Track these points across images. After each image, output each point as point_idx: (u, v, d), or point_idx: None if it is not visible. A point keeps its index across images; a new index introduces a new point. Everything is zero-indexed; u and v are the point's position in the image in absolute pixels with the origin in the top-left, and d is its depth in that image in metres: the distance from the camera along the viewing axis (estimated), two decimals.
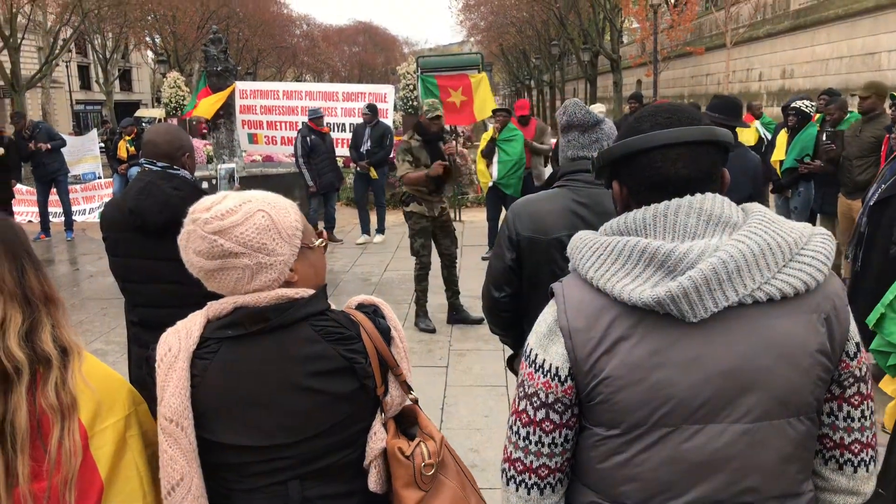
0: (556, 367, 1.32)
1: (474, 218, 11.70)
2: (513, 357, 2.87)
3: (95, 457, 1.35)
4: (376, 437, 1.52)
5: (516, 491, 1.40)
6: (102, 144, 15.74)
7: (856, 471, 1.35)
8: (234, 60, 15.44)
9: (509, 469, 1.40)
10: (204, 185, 6.47)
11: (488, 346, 5.75)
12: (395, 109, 12.95)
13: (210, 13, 34.89)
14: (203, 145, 14.59)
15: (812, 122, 7.34)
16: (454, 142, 8.28)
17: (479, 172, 8.84)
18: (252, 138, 12.16)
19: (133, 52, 48.91)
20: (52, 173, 10.92)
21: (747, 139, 8.35)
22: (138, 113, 37.31)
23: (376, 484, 1.52)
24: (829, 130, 6.88)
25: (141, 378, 1.51)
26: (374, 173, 9.98)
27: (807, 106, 7.35)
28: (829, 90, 7.83)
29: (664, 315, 1.24)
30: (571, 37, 35.56)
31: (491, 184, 8.39)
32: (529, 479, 1.38)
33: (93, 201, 13.26)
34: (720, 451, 1.25)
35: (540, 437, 1.36)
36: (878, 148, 6.03)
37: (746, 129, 8.61)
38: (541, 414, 1.35)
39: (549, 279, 1.44)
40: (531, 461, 1.37)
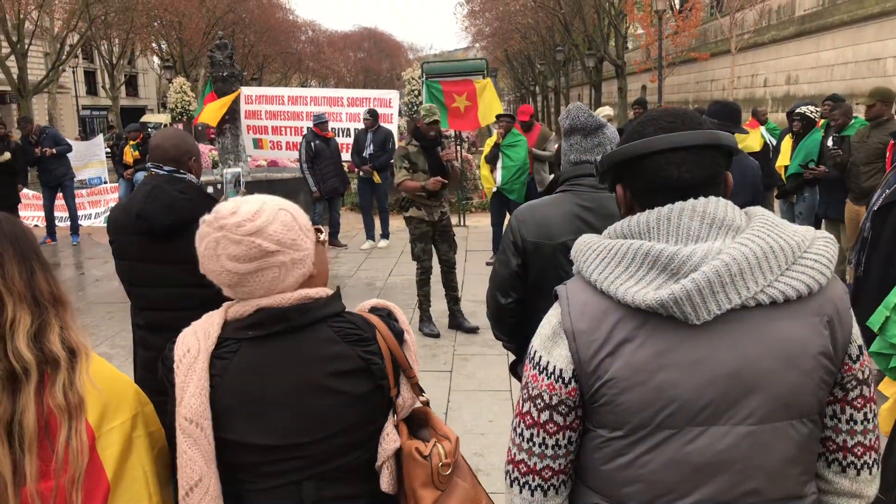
0: (560, 369, 1.33)
1: (478, 223, 11.71)
2: (516, 363, 2.86)
3: (102, 457, 1.36)
4: (389, 438, 1.54)
5: (520, 493, 1.40)
6: (108, 149, 15.85)
7: (859, 473, 1.36)
8: (240, 66, 15.48)
9: (513, 471, 1.41)
10: (209, 189, 6.50)
11: (492, 350, 5.74)
12: (399, 115, 12.98)
13: (216, 19, 34.99)
14: (209, 150, 14.65)
15: (817, 128, 7.35)
16: (452, 147, 8.28)
17: (483, 178, 8.85)
18: (257, 143, 12.22)
19: (139, 58, 49.17)
20: (58, 178, 10.97)
21: (753, 145, 8.35)
22: (144, 118, 37.57)
23: (388, 485, 1.54)
24: (835, 136, 6.87)
25: (146, 381, 1.52)
26: (377, 177, 10.00)
27: (811, 112, 7.36)
28: (833, 96, 7.83)
29: (668, 317, 1.24)
30: (576, 43, 35.59)
31: (495, 189, 8.41)
32: (533, 480, 1.38)
33: (99, 206, 13.32)
34: (723, 453, 1.25)
35: (544, 438, 1.36)
36: (885, 154, 6.02)
37: (752, 135, 8.61)
38: (545, 416, 1.35)
39: (555, 283, 1.45)
40: (535, 463, 1.38)
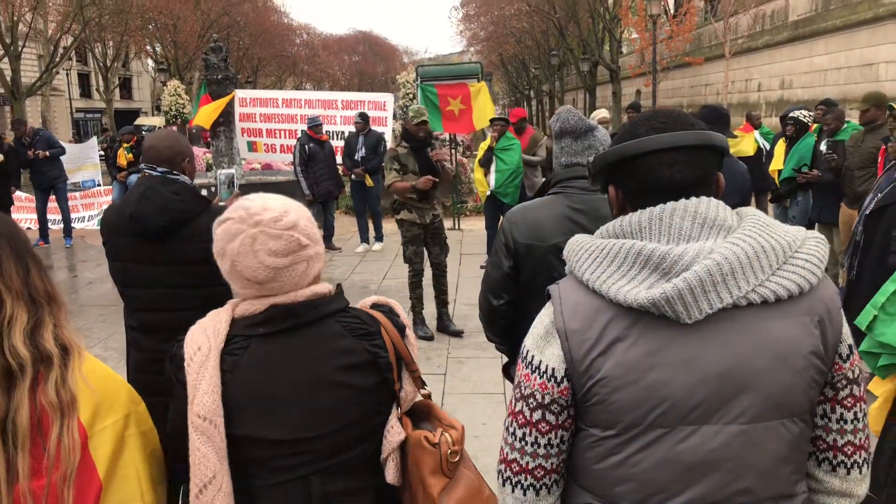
0: (553, 369, 1.33)
1: (473, 226, 11.73)
2: (508, 364, 2.87)
3: (94, 456, 1.36)
4: (393, 431, 1.57)
5: (512, 492, 1.41)
6: (102, 152, 15.80)
7: (849, 472, 1.36)
8: (235, 69, 15.45)
9: (505, 470, 1.41)
10: (203, 192, 6.48)
11: (486, 353, 5.74)
12: (394, 118, 12.98)
13: (211, 22, 34.91)
14: (203, 153, 14.61)
15: (810, 132, 7.37)
16: (445, 149, 8.28)
17: (477, 181, 8.85)
18: (251, 146, 12.19)
19: (133, 61, 49.04)
20: (50, 181, 10.93)
21: (747, 149, 8.39)
22: (138, 121, 37.43)
23: (394, 476, 1.58)
24: (829, 140, 6.90)
25: (139, 382, 1.53)
26: (369, 181, 9.99)
27: (804, 116, 7.39)
28: (826, 100, 7.86)
29: (659, 316, 1.25)
30: (571, 47, 35.69)
31: (488, 192, 8.42)
32: (525, 480, 1.39)
33: (92, 209, 13.27)
34: (715, 451, 1.26)
35: (536, 437, 1.37)
36: (878, 158, 6.05)
37: (746, 139, 8.65)
38: (537, 415, 1.36)
39: (547, 285, 1.46)
40: (527, 462, 1.38)
